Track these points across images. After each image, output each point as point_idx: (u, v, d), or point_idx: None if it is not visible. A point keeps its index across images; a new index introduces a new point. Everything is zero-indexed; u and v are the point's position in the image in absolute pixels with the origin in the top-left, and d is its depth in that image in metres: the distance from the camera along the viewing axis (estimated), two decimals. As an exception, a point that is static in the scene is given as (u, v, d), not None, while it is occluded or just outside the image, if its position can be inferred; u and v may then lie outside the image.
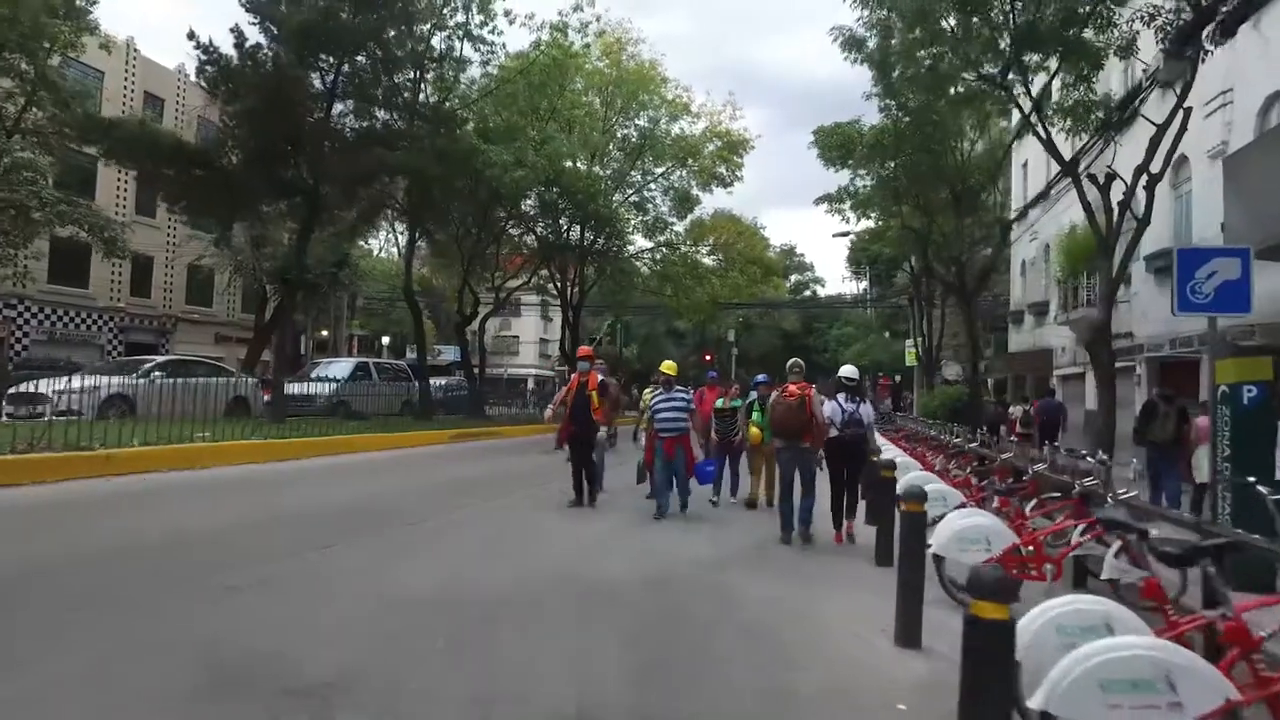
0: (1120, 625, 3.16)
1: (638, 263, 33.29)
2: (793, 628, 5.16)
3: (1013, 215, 19.43)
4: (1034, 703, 2.65)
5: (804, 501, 7.88)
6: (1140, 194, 12.15)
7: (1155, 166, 11.73)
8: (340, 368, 23.00)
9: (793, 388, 7.80)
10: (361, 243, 47.05)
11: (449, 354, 57.91)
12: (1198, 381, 15.15)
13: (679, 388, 9.67)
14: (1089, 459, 9.51)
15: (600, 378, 9.50)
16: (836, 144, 18.87)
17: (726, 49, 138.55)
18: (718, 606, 5.54)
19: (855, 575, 6.83)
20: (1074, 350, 22.63)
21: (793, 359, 8.61)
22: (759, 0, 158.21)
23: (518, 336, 72.86)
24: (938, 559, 5.53)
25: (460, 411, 23.73)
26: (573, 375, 9.65)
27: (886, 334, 50.54)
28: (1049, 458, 8.50)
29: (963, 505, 6.90)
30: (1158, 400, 11.99)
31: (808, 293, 74.01)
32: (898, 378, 37.75)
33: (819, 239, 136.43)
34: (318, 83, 17.39)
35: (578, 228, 29.38)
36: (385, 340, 52.12)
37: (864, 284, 59.67)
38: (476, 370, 26.28)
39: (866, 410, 8.13)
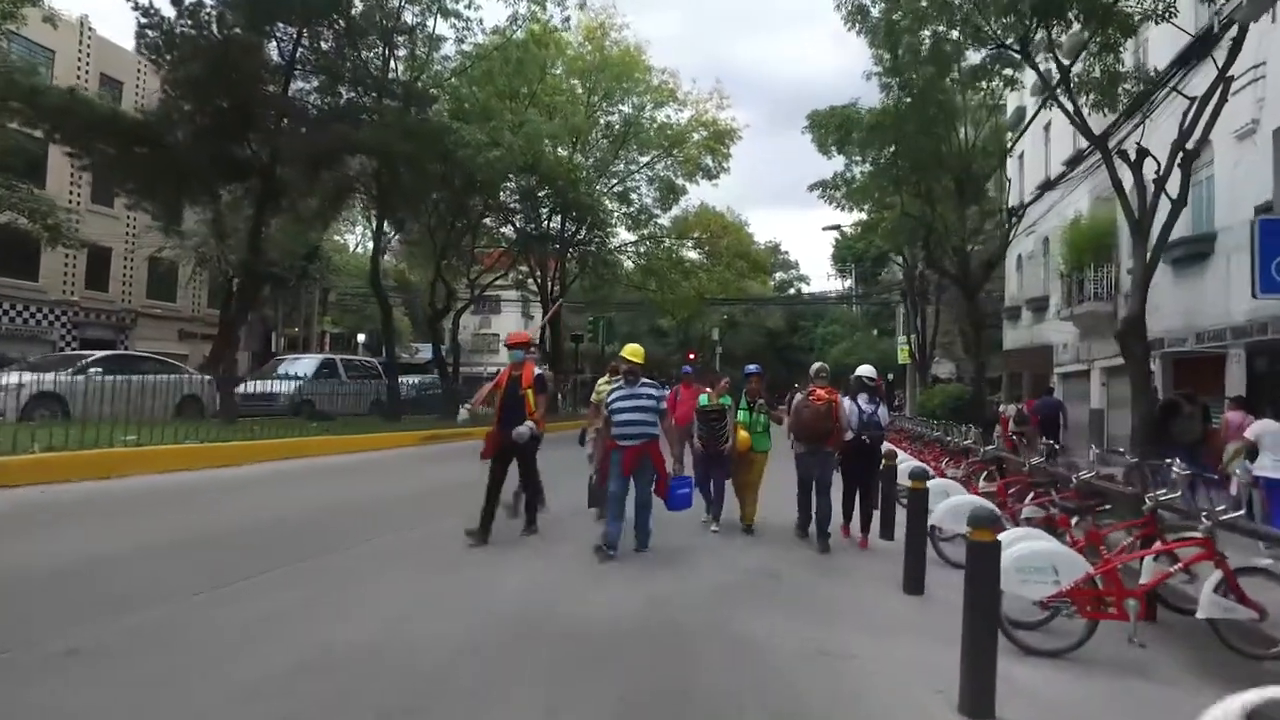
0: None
1: (621, 256, 32.08)
2: (827, 687, 3.98)
3: (1009, 208, 18.29)
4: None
5: (821, 508, 7.60)
6: (1165, 177, 11.00)
7: (1191, 142, 10.62)
8: (304, 365, 21.58)
9: (821, 391, 7.55)
10: (336, 237, 45.63)
11: (427, 352, 56.50)
12: (1220, 378, 14.19)
13: (647, 380, 7.21)
14: (1124, 456, 8.62)
15: (537, 371, 7.34)
16: (834, 126, 17.70)
17: (713, 48, 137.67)
18: (727, 659, 4.33)
19: (886, 609, 5.64)
20: (1076, 347, 21.65)
21: (818, 363, 8.23)
22: (747, 1, 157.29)
23: (498, 334, 71.18)
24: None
25: (434, 412, 22.39)
26: (502, 370, 7.70)
27: (875, 332, 49.61)
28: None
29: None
30: (1179, 400, 11.45)
31: (792, 291, 73.21)
32: (890, 376, 36.71)
33: (804, 240, 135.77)
34: (275, 55, 16.01)
35: (558, 218, 28.22)
36: (361, 338, 50.52)
37: (849, 282, 59.09)
38: (451, 368, 24.90)
39: (884, 412, 7.93)
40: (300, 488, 10.02)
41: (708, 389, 8.36)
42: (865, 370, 8.09)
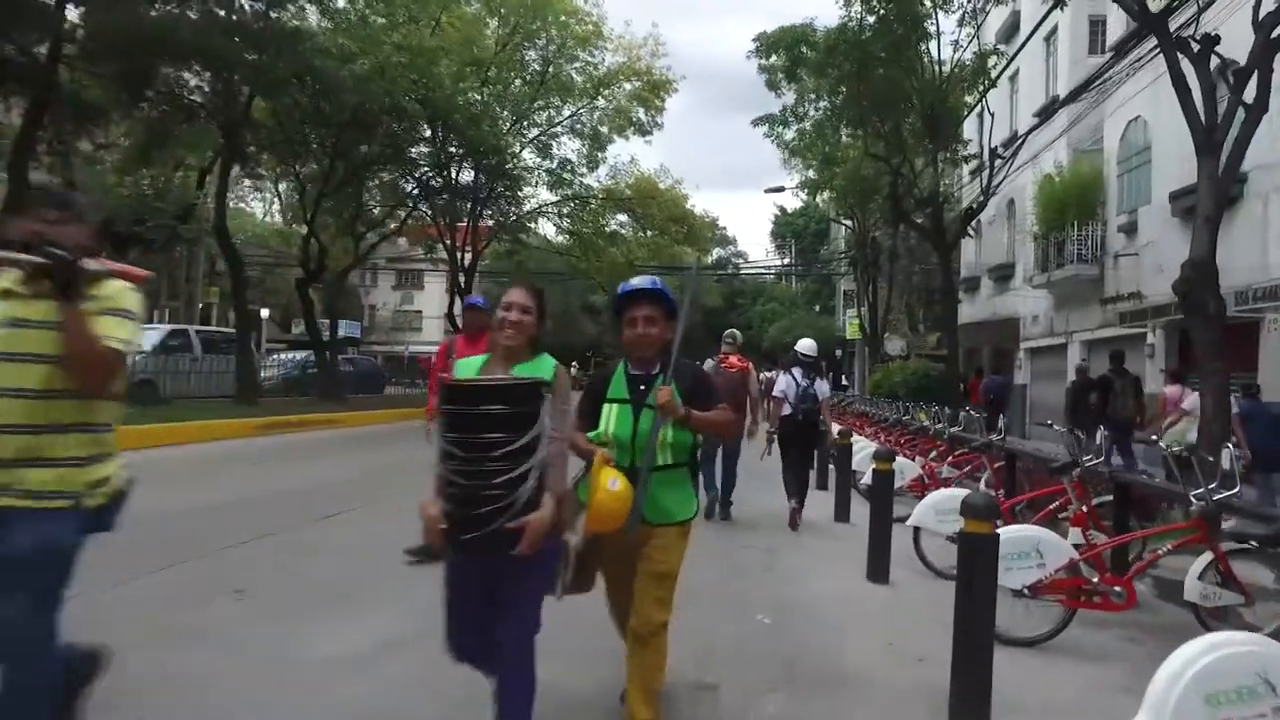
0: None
1: (543, 219, 28.64)
2: None
3: (993, 149, 15.56)
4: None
5: (727, 480, 7.42)
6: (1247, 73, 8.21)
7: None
8: (147, 337, 17.66)
9: (734, 359, 7.37)
10: (243, 204, 40.55)
11: (342, 328, 52.00)
12: (1247, 349, 11.76)
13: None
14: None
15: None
16: (784, 47, 14.60)
17: (652, 31, 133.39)
18: None
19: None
20: (1050, 318, 19.27)
21: (729, 329, 8.04)
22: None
23: (420, 311, 66.74)
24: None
25: (310, 394, 18.73)
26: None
27: (816, 308, 47.35)
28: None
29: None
30: (1111, 376, 11.06)
31: (731, 269, 70.60)
32: (838, 353, 34.25)
33: (743, 222, 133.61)
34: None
35: (469, 172, 24.57)
36: (265, 313, 45.55)
37: (787, 260, 56.64)
38: (372, 347, 21.12)
39: (822, 386, 7.63)
40: None
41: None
42: (804, 345, 7.78)
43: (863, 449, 9.05)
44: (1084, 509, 5.01)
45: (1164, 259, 14.18)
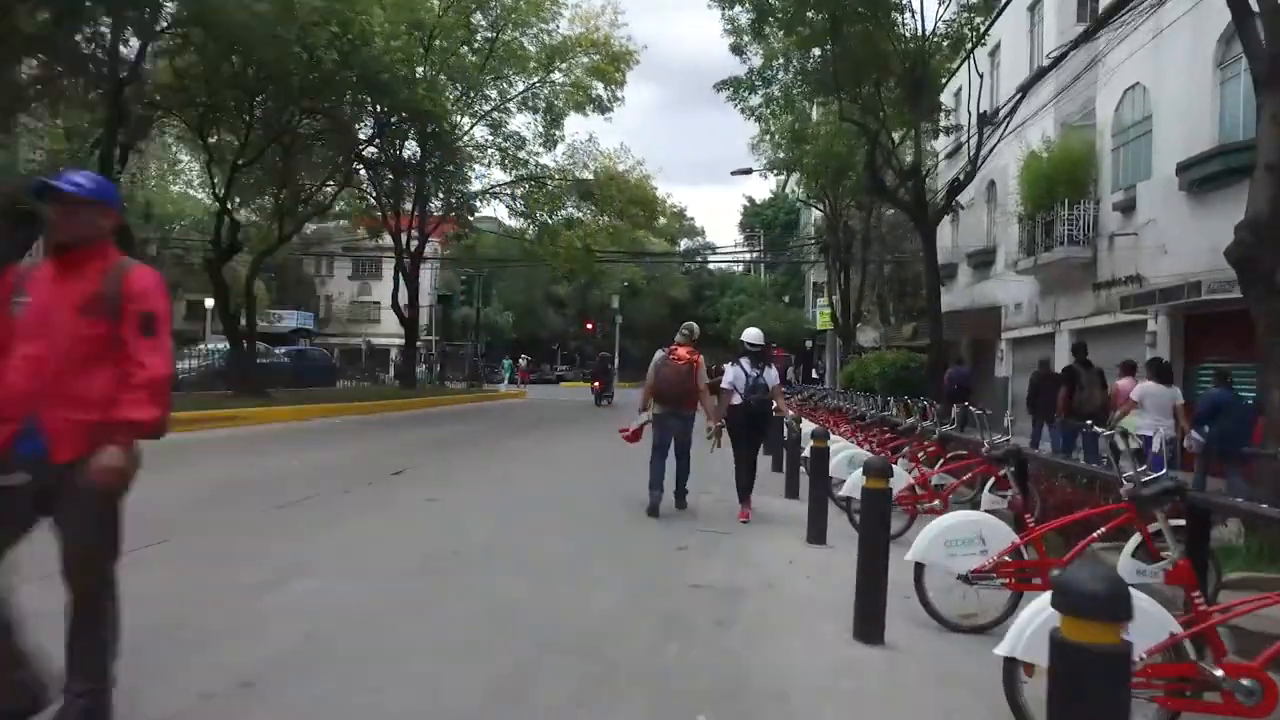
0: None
1: (496, 200, 26.80)
2: None
3: (981, 113, 14.11)
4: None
5: (680, 470, 7.32)
6: None
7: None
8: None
9: (683, 350, 7.29)
10: (178, 186, 37.80)
11: (292, 319, 49.58)
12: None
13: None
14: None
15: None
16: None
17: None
18: None
19: None
20: (1035, 305, 17.94)
21: (688, 321, 7.97)
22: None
23: (379, 302, 64.10)
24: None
25: (217, 388, 16.77)
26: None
27: (785, 300, 46.03)
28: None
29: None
30: (1077, 368, 10.78)
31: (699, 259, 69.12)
32: (809, 343, 32.89)
33: (711, 215, 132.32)
34: None
35: (414, 146, 22.67)
36: (209, 303, 42.95)
37: (756, 253, 55.31)
38: (328, 339, 19.09)
39: (771, 375, 7.35)
40: None
41: None
42: (750, 335, 7.60)
43: (840, 451, 7.71)
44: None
45: (1168, 238, 12.84)
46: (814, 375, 29.42)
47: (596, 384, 26.10)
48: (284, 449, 11.07)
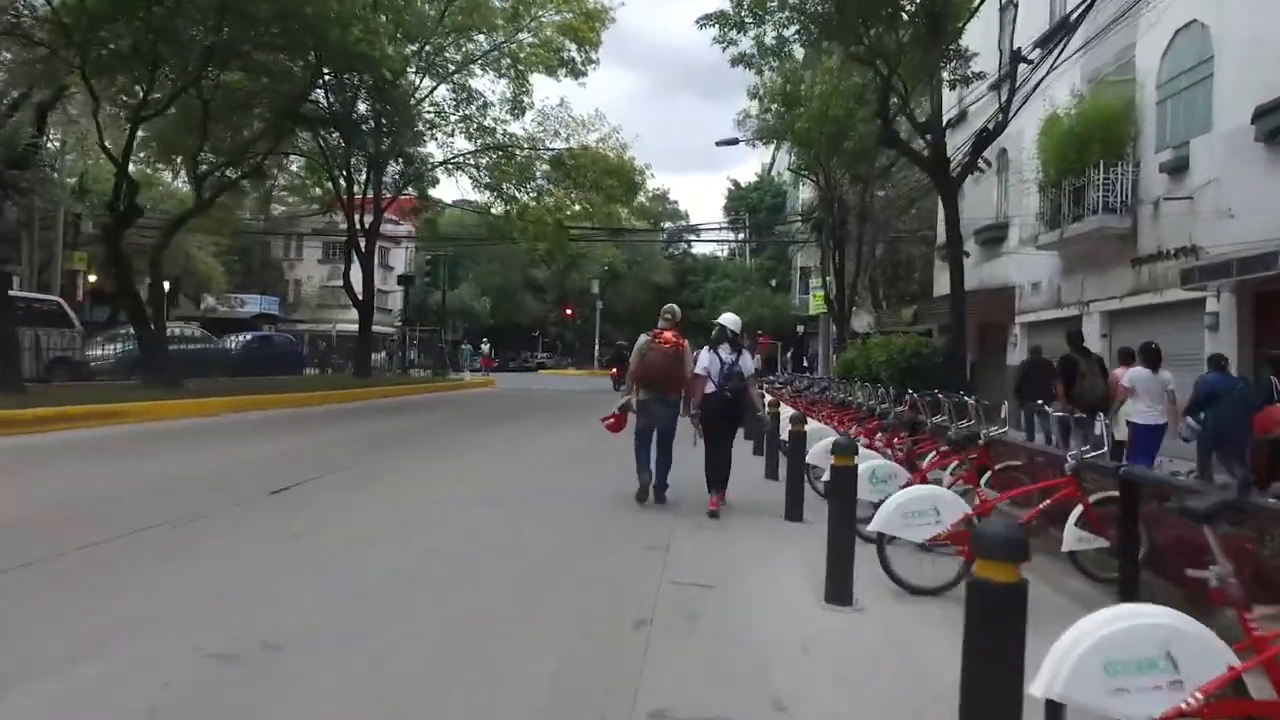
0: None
1: (460, 171, 24.44)
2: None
3: (1014, 51, 12.02)
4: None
5: (661, 461, 7.02)
6: None
7: None
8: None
9: (668, 334, 7.02)
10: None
11: (255, 304, 46.96)
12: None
13: None
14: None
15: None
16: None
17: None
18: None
19: None
20: (1057, 285, 15.96)
21: (668, 304, 7.59)
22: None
23: (351, 287, 61.44)
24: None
25: (131, 377, 14.48)
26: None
27: (773, 284, 44.02)
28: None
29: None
30: (1076, 357, 10.14)
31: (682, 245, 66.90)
32: (801, 329, 30.86)
33: (697, 203, 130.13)
34: None
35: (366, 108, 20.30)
36: (165, 286, 40.22)
37: (742, 235, 53.15)
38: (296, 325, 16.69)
39: (746, 361, 7.06)
40: None
41: None
42: (726, 318, 7.26)
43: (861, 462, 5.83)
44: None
45: (1234, 200, 10.82)
46: (804, 364, 27.39)
47: (615, 371, 25.88)
48: (162, 453, 8.90)
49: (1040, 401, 7.59)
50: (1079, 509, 4.74)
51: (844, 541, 4.41)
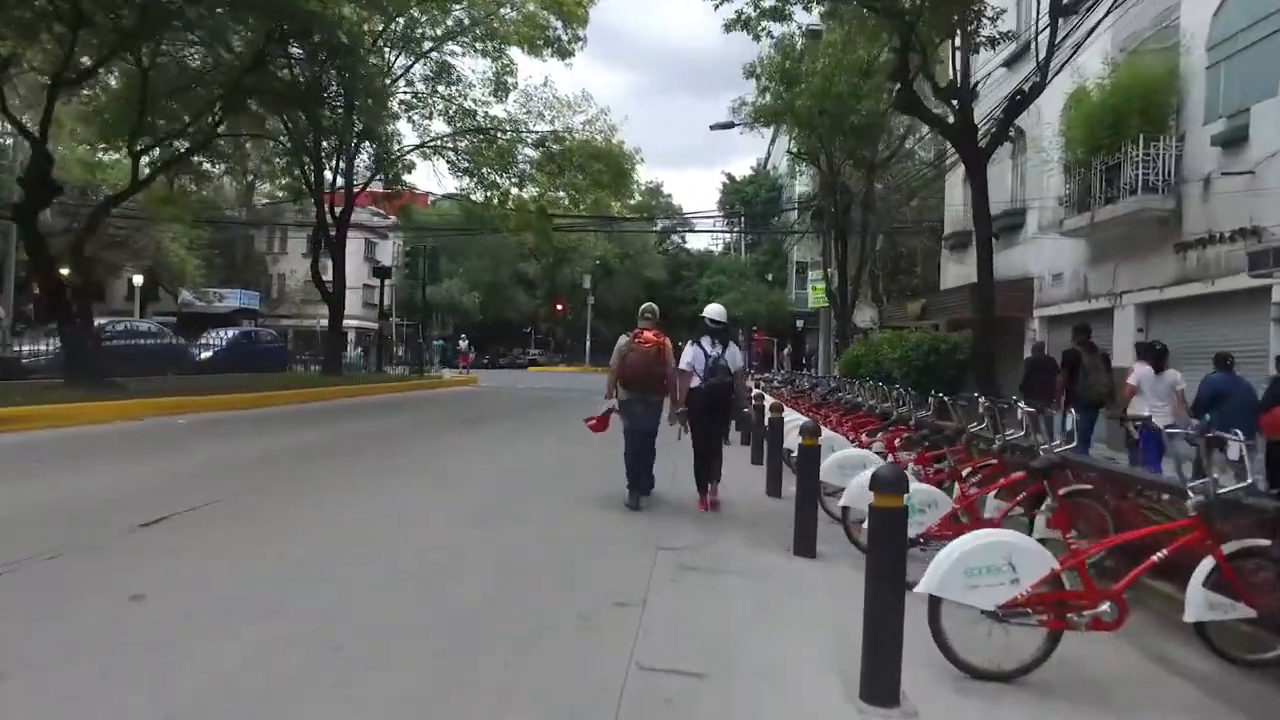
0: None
1: (437, 155, 22.93)
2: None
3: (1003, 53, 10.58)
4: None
5: (645, 459, 6.87)
6: None
7: None
8: None
9: (649, 334, 6.86)
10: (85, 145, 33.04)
11: (234, 299, 45.26)
12: None
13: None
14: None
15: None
16: None
17: (600, 10, 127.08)
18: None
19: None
20: (1083, 275, 14.53)
21: (646, 303, 7.35)
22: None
23: (321, 279, 59.62)
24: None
25: (54, 375, 12.96)
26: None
27: (768, 278, 42.60)
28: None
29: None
30: (1079, 350, 9.65)
31: (676, 239, 65.45)
32: (800, 323, 29.43)
33: (693, 201, 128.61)
34: None
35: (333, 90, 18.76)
36: (138, 280, 38.58)
37: (737, 231, 51.73)
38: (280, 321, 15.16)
39: (733, 355, 6.90)
40: None
41: None
42: (711, 311, 7.04)
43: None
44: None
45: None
46: (805, 361, 25.95)
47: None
48: (45, 469, 7.42)
49: (1040, 403, 6.65)
50: (1209, 563, 3.69)
51: (889, 618, 3.15)
